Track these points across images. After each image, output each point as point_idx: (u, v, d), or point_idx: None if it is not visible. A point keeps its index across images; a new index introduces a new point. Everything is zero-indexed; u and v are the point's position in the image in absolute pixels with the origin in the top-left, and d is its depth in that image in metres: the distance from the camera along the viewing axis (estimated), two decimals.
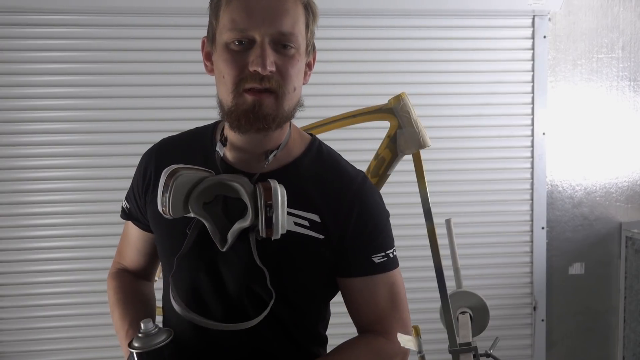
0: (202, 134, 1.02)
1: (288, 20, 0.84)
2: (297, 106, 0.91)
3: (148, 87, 2.24)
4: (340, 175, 0.97)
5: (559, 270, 2.51)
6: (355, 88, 2.29)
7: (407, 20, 2.32)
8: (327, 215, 0.93)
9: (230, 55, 0.84)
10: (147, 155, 1.03)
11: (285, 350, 0.97)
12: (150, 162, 1.00)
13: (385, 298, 0.98)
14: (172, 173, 0.87)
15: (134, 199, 1.03)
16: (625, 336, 2.51)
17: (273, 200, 0.84)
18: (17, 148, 2.20)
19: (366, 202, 0.96)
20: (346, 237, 0.94)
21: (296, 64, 0.87)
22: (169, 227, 0.95)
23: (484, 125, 2.39)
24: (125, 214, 1.08)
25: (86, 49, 2.20)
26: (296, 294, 0.95)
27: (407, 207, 2.30)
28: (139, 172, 1.02)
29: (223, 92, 0.87)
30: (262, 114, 0.84)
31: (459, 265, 1.57)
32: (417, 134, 1.29)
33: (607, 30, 2.46)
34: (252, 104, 0.84)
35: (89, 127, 2.22)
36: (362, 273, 0.96)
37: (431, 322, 1.73)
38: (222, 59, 0.85)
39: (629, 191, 2.53)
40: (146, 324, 0.88)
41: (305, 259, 0.93)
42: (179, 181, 0.86)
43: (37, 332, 2.25)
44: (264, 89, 0.83)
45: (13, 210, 2.20)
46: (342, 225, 0.93)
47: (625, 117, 2.50)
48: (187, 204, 0.87)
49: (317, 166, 0.97)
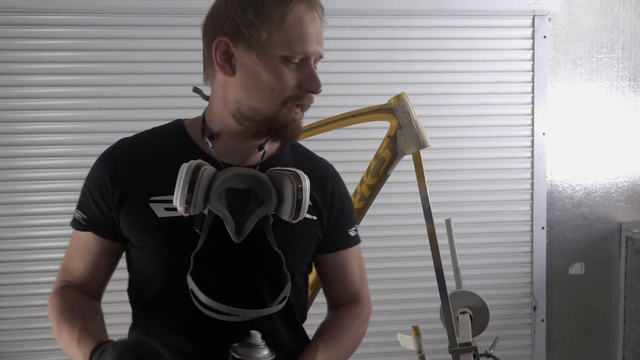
0: (167, 132, 1.01)
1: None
2: None
3: (148, 87, 2.24)
4: (318, 164, 1.08)
5: (559, 270, 2.51)
6: (355, 88, 2.29)
7: (407, 20, 2.32)
8: (317, 198, 1.02)
9: (287, 70, 0.90)
10: (107, 160, 0.98)
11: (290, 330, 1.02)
12: (116, 167, 0.96)
13: (358, 268, 1.11)
14: (196, 168, 0.87)
15: (95, 207, 0.96)
16: (625, 336, 2.51)
17: (303, 184, 0.91)
18: (17, 148, 2.20)
19: (341, 184, 1.09)
20: (332, 216, 1.04)
21: None
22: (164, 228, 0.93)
23: (484, 125, 2.39)
24: (81, 225, 0.98)
25: (86, 49, 2.20)
26: (299, 275, 1.03)
27: (407, 207, 2.30)
28: (100, 178, 0.96)
29: (263, 102, 0.91)
30: (298, 129, 0.94)
31: (459, 265, 1.58)
32: (417, 134, 1.29)
33: (607, 30, 2.46)
34: (293, 118, 0.92)
35: (89, 127, 2.21)
36: (342, 246, 1.07)
37: (431, 322, 1.73)
38: (273, 71, 0.89)
39: (629, 191, 2.53)
40: (256, 334, 0.85)
41: (306, 240, 1.01)
42: (205, 176, 0.87)
43: (37, 332, 2.25)
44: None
45: (13, 210, 2.20)
46: (329, 206, 1.04)
47: (625, 117, 2.50)
48: (207, 200, 0.88)
49: (295, 157, 1.06)
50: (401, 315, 2.34)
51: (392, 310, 2.36)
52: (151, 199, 0.93)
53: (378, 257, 2.35)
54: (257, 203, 0.91)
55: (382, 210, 2.18)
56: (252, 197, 0.92)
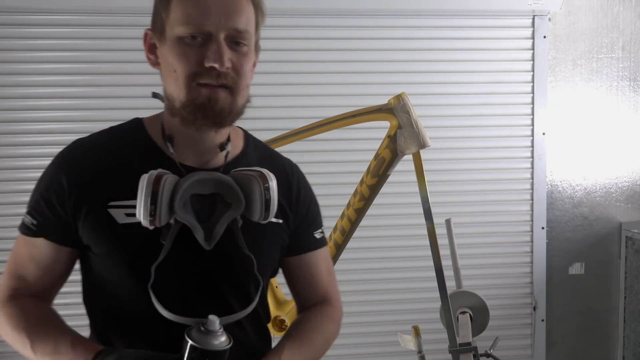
0: (126, 133, 0.96)
1: (243, 17, 0.86)
2: (246, 102, 0.92)
3: (149, 87, 2.22)
4: (282, 163, 1.04)
5: (559, 270, 2.51)
6: (355, 88, 2.29)
7: (407, 20, 2.32)
8: (282, 200, 0.97)
9: (184, 50, 0.84)
10: (64, 161, 0.93)
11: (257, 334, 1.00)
12: (73, 169, 0.91)
13: (326, 270, 1.08)
14: (157, 179, 0.82)
15: (49, 211, 0.90)
16: (625, 336, 2.51)
17: (269, 184, 0.87)
18: (17, 148, 2.20)
19: (306, 185, 1.06)
20: (297, 218, 1.02)
21: (249, 61, 0.89)
22: (125, 237, 0.88)
23: (484, 125, 2.39)
24: (32, 231, 0.91)
25: (86, 49, 2.20)
26: (265, 278, 0.97)
27: (407, 207, 2.30)
28: (55, 180, 0.90)
29: (173, 87, 0.87)
30: (218, 108, 0.85)
31: (459, 265, 1.58)
32: (417, 134, 1.29)
33: (607, 30, 2.46)
34: (207, 98, 0.84)
35: (89, 127, 2.18)
36: (309, 249, 1.04)
37: (431, 322, 1.73)
38: (174, 53, 0.85)
39: (629, 191, 2.53)
40: (214, 320, 0.79)
41: (273, 244, 0.98)
42: (167, 187, 0.82)
43: None
44: (219, 84, 0.84)
45: (13, 210, 2.20)
46: (294, 208, 1.01)
47: (625, 117, 2.50)
48: (171, 210, 0.84)
49: (259, 156, 1.01)
50: (401, 315, 2.34)
51: (392, 310, 2.36)
52: (110, 204, 0.89)
53: (378, 257, 2.36)
54: (224, 206, 0.88)
55: (382, 210, 2.18)
56: (219, 201, 0.88)
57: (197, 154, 0.93)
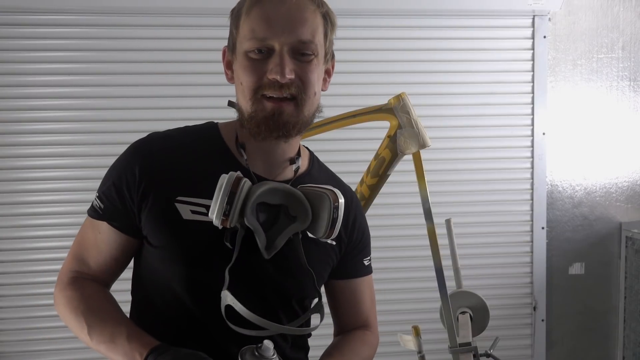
0: (202, 134, 0.98)
1: (307, 29, 0.87)
2: (316, 112, 0.94)
3: (149, 87, 2.23)
4: (343, 188, 1.04)
5: (559, 270, 2.51)
6: (355, 88, 2.29)
7: (407, 20, 2.32)
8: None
9: (250, 63, 0.87)
10: (140, 151, 0.94)
11: (296, 346, 1.03)
12: (148, 159, 0.92)
13: (369, 297, 1.11)
14: (237, 181, 0.84)
15: (117, 198, 0.92)
16: (625, 336, 2.51)
17: (339, 202, 0.89)
18: (17, 148, 2.20)
19: (361, 213, 1.09)
20: (350, 244, 1.04)
21: (315, 69, 0.90)
22: (187, 232, 0.90)
23: (484, 125, 2.39)
24: (98, 214, 0.94)
25: (86, 49, 2.20)
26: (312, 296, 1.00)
27: (407, 207, 2.30)
28: (129, 168, 0.92)
29: (241, 99, 0.90)
30: (282, 121, 0.88)
31: (459, 265, 1.58)
32: (417, 134, 1.29)
33: (607, 30, 2.46)
34: (271, 111, 0.87)
35: (89, 127, 2.21)
36: (356, 275, 1.07)
37: (431, 322, 1.73)
38: (241, 67, 0.88)
39: (629, 191, 2.53)
40: (269, 346, 0.81)
41: (324, 264, 1.00)
42: (244, 190, 0.85)
43: (37, 332, 2.25)
44: (283, 97, 0.87)
45: (13, 210, 2.20)
46: (348, 233, 1.03)
47: (625, 117, 2.50)
48: (242, 214, 0.86)
49: (322, 177, 1.04)
50: (401, 315, 2.34)
51: (392, 310, 2.35)
52: (178, 198, 0.90)
53: (378, 257, 2.32)
54: (287, 219, 0.90)
55: (382, 210, 2.18)
56: (283, 213, 0.90)
57: (267, 165, 0.96)
